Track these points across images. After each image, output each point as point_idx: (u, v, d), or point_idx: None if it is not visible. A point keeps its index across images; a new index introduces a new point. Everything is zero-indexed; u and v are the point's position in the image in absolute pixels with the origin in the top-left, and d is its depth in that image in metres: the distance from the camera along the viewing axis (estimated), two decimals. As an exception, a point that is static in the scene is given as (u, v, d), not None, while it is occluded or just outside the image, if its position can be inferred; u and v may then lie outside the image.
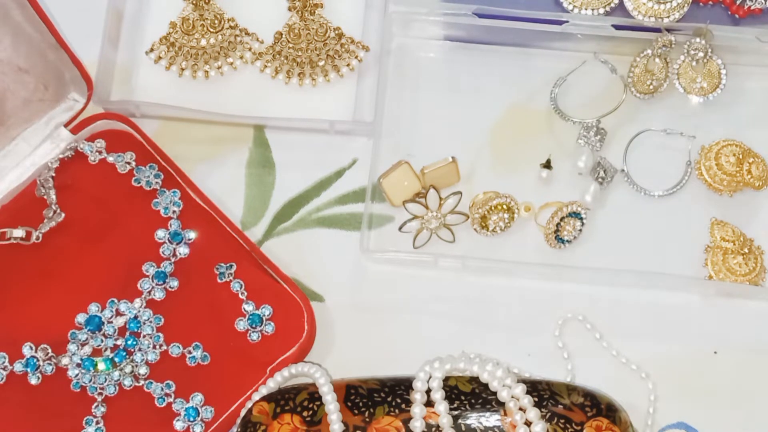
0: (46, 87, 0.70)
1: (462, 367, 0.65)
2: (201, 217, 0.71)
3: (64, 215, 0.70)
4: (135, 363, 0.67)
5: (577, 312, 0.70)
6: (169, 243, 0.70)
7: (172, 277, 0.69)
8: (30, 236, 0.70)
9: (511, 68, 0.75)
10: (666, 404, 0.68)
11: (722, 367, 0.69)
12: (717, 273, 0.70)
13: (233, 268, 0.69)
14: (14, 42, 0.67)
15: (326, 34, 0.75)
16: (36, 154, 0.71)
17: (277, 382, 0.67)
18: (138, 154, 0.71)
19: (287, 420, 0.64)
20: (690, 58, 0.72)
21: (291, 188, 0.74)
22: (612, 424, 0.64)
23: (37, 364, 0.67)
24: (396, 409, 0.65)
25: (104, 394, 0.67)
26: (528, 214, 0.72)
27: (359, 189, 0.73)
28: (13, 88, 0.69)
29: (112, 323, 0.68)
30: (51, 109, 0.72)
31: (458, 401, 0.64)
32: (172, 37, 0.75)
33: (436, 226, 0.71)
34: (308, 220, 0.73)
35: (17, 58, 0.68)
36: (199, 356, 0.68)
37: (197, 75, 0.75)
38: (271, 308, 0.68)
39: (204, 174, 0.73)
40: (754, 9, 0.73)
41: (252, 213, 0.73)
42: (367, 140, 0.73)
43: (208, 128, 0.74)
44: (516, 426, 0.64)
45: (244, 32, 0.75)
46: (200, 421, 0.66)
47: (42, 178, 0.70)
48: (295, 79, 0.74)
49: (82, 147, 0.71)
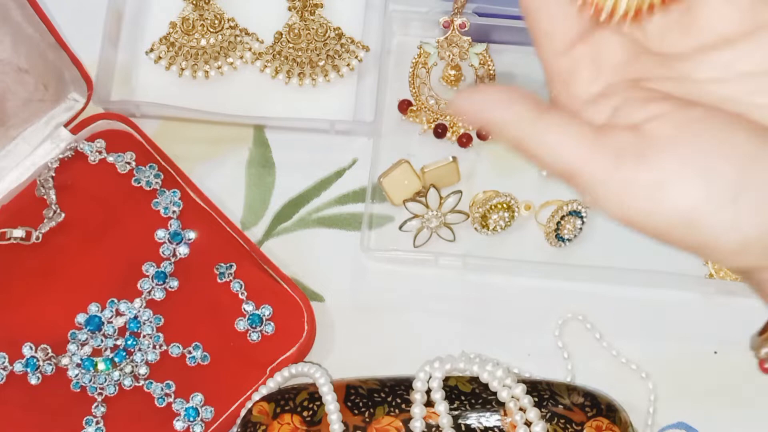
0: (46, 87, 0.70)
1: (462, 367, 0.65)
2: (201, 217, 0.71)
3: (64, 215, 0.70)
4: (135, 363, 0.67)
5: (577, 311, 0.70)
6: (169, 243, 0.70)
7: (172, 277, 0.69)
8: (30, 236, 0.70)
9: (511, 67, 0.75)
10: (666, 404, 0.68)
11: (722, 367, 0.69)
12: (717, 271, 0.70)
13: (233, 268, 0.69)
14: (14, 42, 0.67)
15: (326, 34, 0.75)
16: (36, 154, 0.71)
17: (277, 382, 0.67)
18: (138, 154, 0.71)
19: (287, 420, 0.64)
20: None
21: (291, 188, 0.73)
22: (612, 424, 0.64)
23: (37, 364, 0.67)
24: (396, 409, 0.65)
25: (104, 394, 0.67)
26: (528, 212, 0.71)
27: (359, 189, 0.73)
28: (13, 88, 0.69)
29: (112, 323, 0.68)
30: (51, 109, 0.72)
31: (458, 401, 0.64)
32: (172, 37, 0.75)
33: (436, 225, 0.71)
34: (308, 220, 0.73)
35: (17, 58, 0.68)
36: (199, 356, 0.68)
37: (197, 75, 0.75)
38: (271, 308, 0.68)
39: (204, 174, 0.73)
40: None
41: (252, 213, 0.73)
42: (367, 140, 0.73)
43: (208, 128, 0.74)
44: (516, 426, 0.63)
45: (244, 32, 0.75)
46: (200, 421, 0.66)
47: (42, 178, 0.70)
48: (295, 79, 0.74)
49: (82, 147, 0.71)
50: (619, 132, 0.39)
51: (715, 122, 0.38)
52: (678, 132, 0.38)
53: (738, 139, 0.38)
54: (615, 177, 0.38)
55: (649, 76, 0.41)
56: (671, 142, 0.38)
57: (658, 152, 0.38)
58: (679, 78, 0.41)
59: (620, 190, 0.38)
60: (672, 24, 0.41)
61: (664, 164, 0.38)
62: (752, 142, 0.38)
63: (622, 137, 0.38)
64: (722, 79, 0.40)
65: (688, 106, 0.39)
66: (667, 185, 0.37)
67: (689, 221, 0.38)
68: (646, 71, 0.41)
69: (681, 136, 0.38)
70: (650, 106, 0.39)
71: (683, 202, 0.37)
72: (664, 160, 0.38)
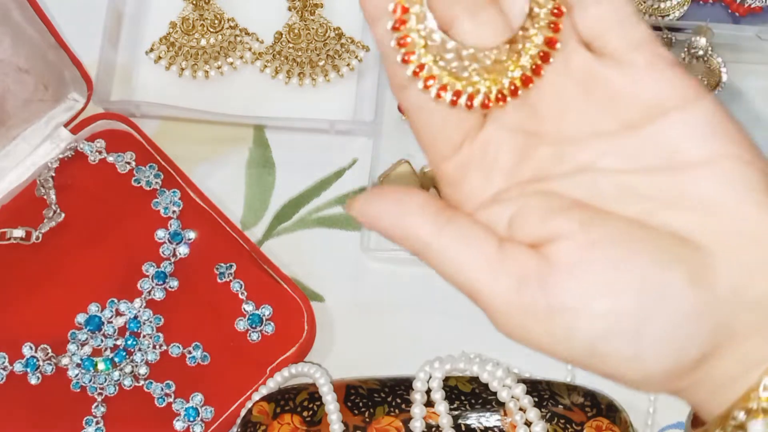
0: (46, 87, 0.70)
1: (462, 367, 0.65)
2: (201, 217, 0.71)
3: (64, 215, 0.70)
4: (135, 363, 0.67)
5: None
6: (169, 243, 0.70)
7: (172, 277, 0.69)
8: (30, 236, 0.70)
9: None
10: (666, 404, 0.68)
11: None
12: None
13: (233, 268, 0.69)
14: (14, 42, 0.67)
15: (326, 34, 0.75)
16: (36, 154, 0.71)
17: (277, 382, 0.67)
18: (138, 154, 0.71)
19: (287, 420, 0.64)
20: (690, 57, 0.72)
21: (291, 188, 0.73)
22: (612, 424, 0.64)
23: (37, 364, 0.67)
24: (396, 409, 0.64)
25: (104, 394, 0.67)
26: (528, 213, 0.71)
27: (359, 189, 0.73)
28: (13, 88, 0.69)
29: (112, 323, 0.68)
30: (51, 109, 0.72)
31: (458, 401, 0.64)
32: (172, 37, 0.75)
33: (444, 211, 0.70)
34: (308, 220, 0.73)
35: (17, 59, 0.68)
36: (199, 356, 0.68)
37: (197, 75, 0.75)
38: (271, 308, 0.68)
39: (204, 174, 0.73)
40: (755, 7, 0.73)
41: (252, 213, 0.73)
42: (367, 140, 0.73)
43: (208, 128, 0.74)
44: (516, 426, 0.63)
45: (244, 32, 0.75)
46: (200, 421, 0.66)
47: (42, 178, 0.70)
48: (295, 79, 0.74)
49: (82, 147, 0.71)
50: (521, 254, 0.37)
51: (617, 244, 0.37)
52: (580, 259, 0.37)
53: (641, 262, 0.36)
54: (517, 301, 0.37)
55: (544, 175, 0.39)
56: (574, 269, 0.37)
57: (561, 280, 0.37)
58: (577, 170, 0.39)
59: (523, 315, 0.37)
60: (569, 108, 0.39)
61: (566, 292, 0.36)
62: (655, 266, 0.36)
63: (525, 261, 0.37)
64: (626, 170, 0.38)
65: (589, 224, 0.37)
66: (570, 314, 0.36)
67: (592, 352, 0.37)
68: (540, 169, 0.39)
69: (583, 263, 0.37)
70: (549, 223, 0.38)
71: (585, 333, 0.36)
72: (567, 289, 0.36)
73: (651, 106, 0.38)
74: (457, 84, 0.38)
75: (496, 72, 0.38)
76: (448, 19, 0.39)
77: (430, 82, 0.38)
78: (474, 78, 0.38)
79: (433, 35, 0.38)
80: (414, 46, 0.38)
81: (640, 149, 0.38)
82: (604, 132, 0.38)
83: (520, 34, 0.39)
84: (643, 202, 0.38)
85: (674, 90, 0.38)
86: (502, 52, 0.38)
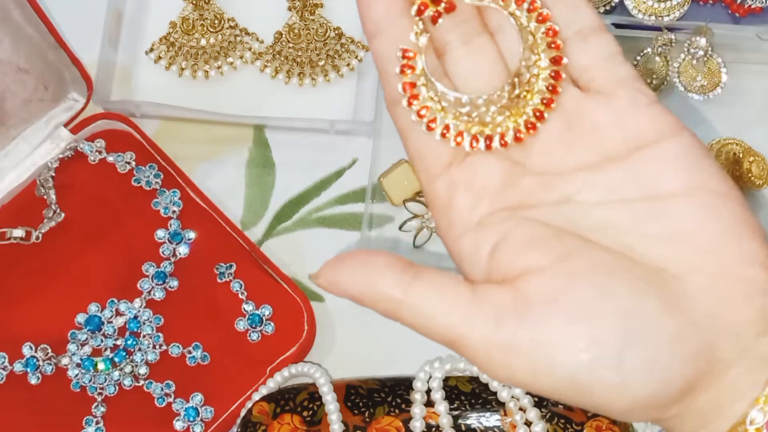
0: (46, 87, 0.70)
1: (462, 367, 0.65)
2: (201, 217, 0.71)
3: (64, 215, 0.70)
4: (135, 363, 0.67)
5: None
6: (169, 243, 0.70)
7: (172, 277, 0.69)
8: (30, 236, 0.70)
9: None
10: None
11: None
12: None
13: (233, 268, 0.69)
14: (14, 42, 0.67)
15: (326, 34, 0.75)
16: (36, 154, 0.71)
17: (277, 382, 0.67)
18: (138, 154, 0.71)
19: (287, 420, 0.64)
20: (690, 57, 0.72)
21: (291, 188, 0.73)
22: (612, 424, 0.64)
23: (37, 364, 0.67)
24: (396, 409, 0.65)
25: (104, 394, 0.67)
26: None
27: (359, 189, 0.73)
28: (13, 88, 0.69)
29: (112, 323, 0.68)
30: (51, 109, 0.72)
31: (458, 401, 0.64)
32: (172, 37, 0.75)
33: (436, 225, 0.71)
34: (308, 220, 0.73)
35: (17, 58, 0.68)
36: (199, 356, 0.68)
37: (197, 75, 0.75)
38: (271, 308, 0.68)
39: (204, 174, 0.73)
40: (755, 7, 0.73)
41: (252, 213, 0.73)
42: (367, 140, 0.73)
43: (208, 128, 0.74)
44: (516, 426, 0.63)
45: (244, 32, 0.75)
46: (200, 421, 0.66)
47: (42, 178, 0.70)
48: (295, 79, 0.74)
49: (82, 147, 0.71)
50: (497, 293, 0.38)
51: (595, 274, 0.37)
52: (557, 293, 0.37)
53: (620, 290, 0.37)
54: (497, 340, 0.37)
55: (529, 202, 0.40)
56: (552, 303, 0.37)
57: (540, 314, 0.37)
58: (560, 201, 0.39)
59: (504, 352, 0.37)
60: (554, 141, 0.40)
61: (546, 326, 0.37)
62: (634, 294, 0.37)
63: (501, 299, 0.37)
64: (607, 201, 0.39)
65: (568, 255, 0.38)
66: (551, 347, 0.37)
67: (575, 384, 0.37)
68: (525, 196, 0.40)
69: (561, 297, 0.37)
70: (529, 254, 0.38)
71: (567, 365, 0.37)
72: (546, 322, 0.37)
73: (632, 140, 0.39)
74: (473, 128, 0.40)
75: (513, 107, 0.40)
76: (442, 45, 0.41)
77: (459, 138, 0.41)
78: (498, 119, 0.40)
79: (446, 97, 0.40)
80: (433, 113, 0.40)
81: (621, 181, 0.39)
82: (587, 165, 0.40)
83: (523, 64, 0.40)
84: (622, 233, 0.38)
85: (654, 125, 0.39)
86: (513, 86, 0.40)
